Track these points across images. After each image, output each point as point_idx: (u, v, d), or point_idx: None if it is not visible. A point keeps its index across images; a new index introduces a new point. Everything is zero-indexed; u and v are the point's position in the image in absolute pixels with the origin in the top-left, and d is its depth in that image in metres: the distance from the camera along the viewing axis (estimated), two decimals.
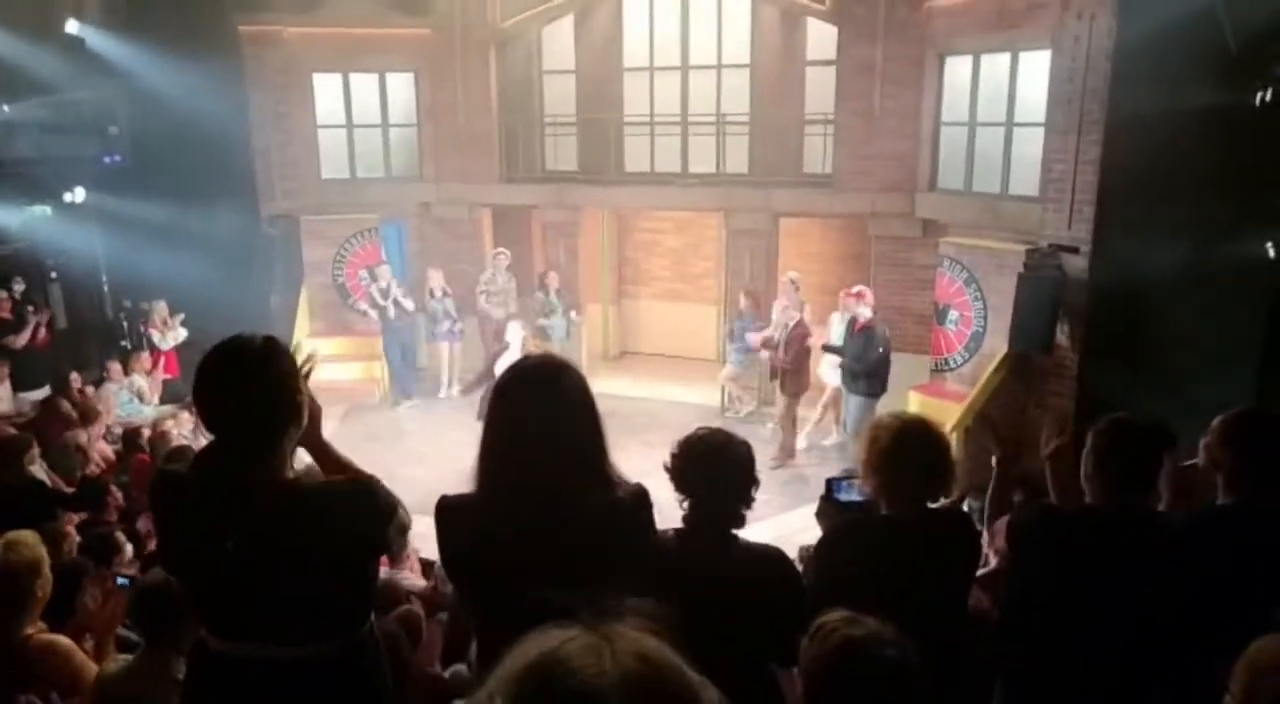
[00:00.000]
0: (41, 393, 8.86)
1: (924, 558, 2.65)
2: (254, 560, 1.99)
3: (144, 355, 9.84)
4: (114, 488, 6.07)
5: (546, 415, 2.13)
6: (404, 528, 2.25)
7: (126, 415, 8.95)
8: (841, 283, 10.54)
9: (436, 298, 11.00)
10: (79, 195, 10.47)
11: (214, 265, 10.18)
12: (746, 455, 2.53)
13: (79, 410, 7.84)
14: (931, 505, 2.78)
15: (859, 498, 2.98)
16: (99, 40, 10.61)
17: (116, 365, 9.37)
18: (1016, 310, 8.00)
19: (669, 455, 2.56)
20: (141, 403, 9.26)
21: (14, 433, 6.56)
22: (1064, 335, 7.95)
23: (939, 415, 7.80)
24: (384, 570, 4.75)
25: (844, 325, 8.93)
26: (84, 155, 10.81)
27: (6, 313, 9.44)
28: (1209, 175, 6.33)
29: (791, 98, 10.71)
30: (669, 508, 2.52)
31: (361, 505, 2.08)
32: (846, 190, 10.05)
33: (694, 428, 2.63)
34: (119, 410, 8.96)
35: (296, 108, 11.51)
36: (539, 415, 2.13)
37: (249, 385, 2.01)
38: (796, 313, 9.06)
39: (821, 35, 10.28)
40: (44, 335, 9.74)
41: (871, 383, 8.38)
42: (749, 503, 2.51)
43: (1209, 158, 6.28)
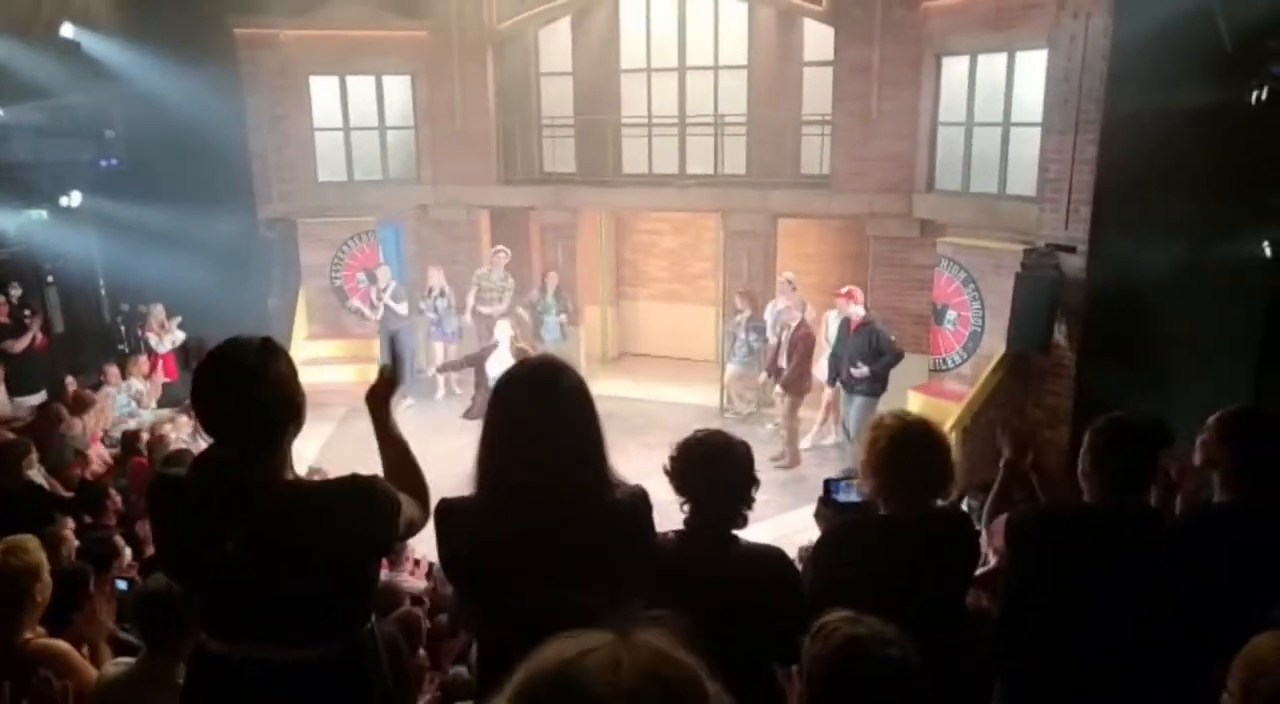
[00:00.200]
0: (38, 397, 8.84)
1: (923, 558, 2.65)
2: (254, 562, 1.99)
3: (141, 359, 9.82)
4: (112, 492, 6.06)
5: (546, 417, 2.13)
6: (414, 525, 2.24)
7: (124, 415, 8.93)
8: (840, 283, 10.53)
9: (434, 297, 10.97)
10: (75, 199, 10.44)
11: (211, 269, 10.16)
12: (746, 456, 2.53)
13: (71, 400, 7.86)
14: (930, 505, 2.78)
15: (857, 499, 2.98)
16: (95, 44, 10.58)
17: (114, 369, 9.35)
18: (1014, 310, 8.01)
19: (668, 457, 2.56)
20: (139, 407, 9.25)
21: (12, 437, 6.54)
22: (1061, 335, 7.97)
23: (937, 415, 7.83)
24: (384, 572, 4.75)
25: (837, 326, 8.88)
26: (80, 159, 10.76)
27: (3, 317, 9.41)
28: (1205, 174, 6.34)
29: (789, 99, 10.71)
30: (669, 509, 2.52)
31: (361, 506, 2.08)
32: (844, 191, 10.05)
33: (693, 429, 2.64)
34: (117, 413, 8.94)
35: (293, 110, 11.50)
36: (538, 417, 2.13)
37: (247, 387, 2.00)
38: (799, 313, 9.03)
39: (818, 36, 10.29)
40: (41, 339, 9.72)
41: (872, 383, 8.36)
42: (749, 504, 2.51)
43: (1205, 157, 6.29)
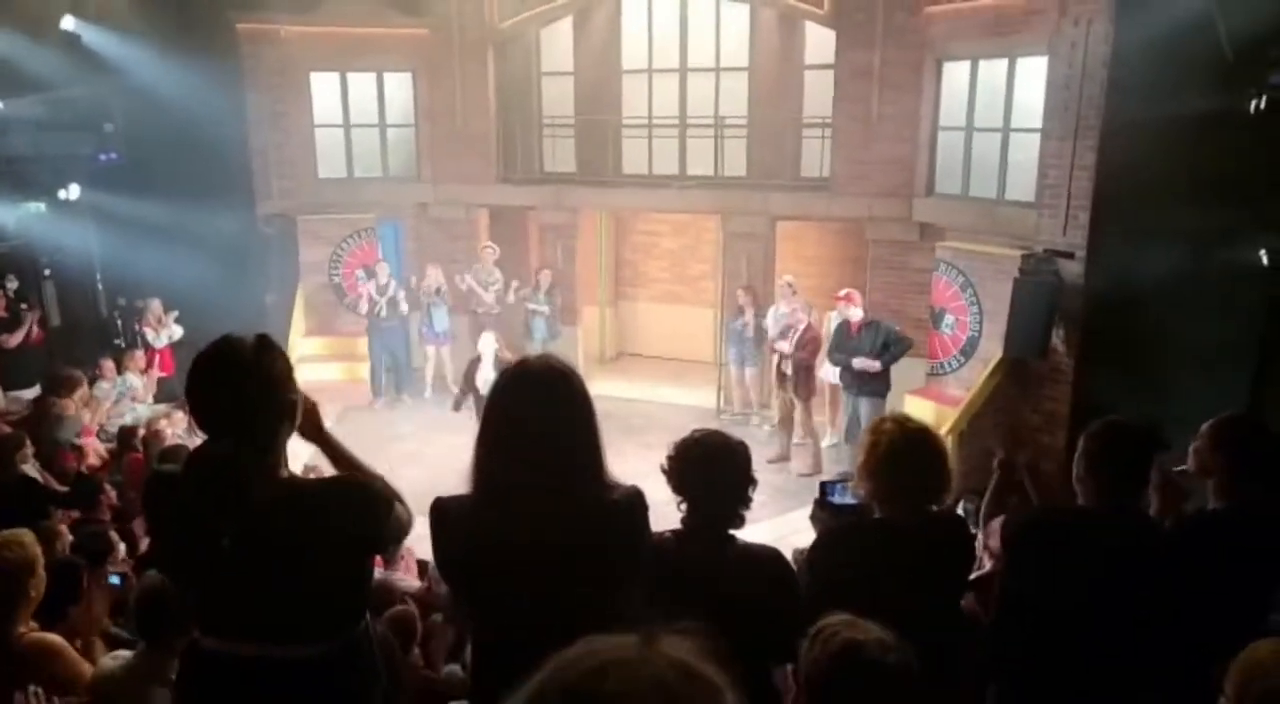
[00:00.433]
0: (33, 391, 8.82)
1: (918, 561, 2.65)
2: (249, 559, 1.98)
3: (138, 354, 9.79)
4: (107, 486, 6.05)
5: (543, 417, 2.12)
6: (403, 526, 2.24)
7: (117, 404, 8.91)
8: (839, 286, 10.54)
9: (430, 294, 10.95)
10: (74, 193, 10.42)
11: (209, 264, 10.15)
12: (744, 456, 2.53)
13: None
14: (926, 509, 2.78)
15: (853, 501, 2.98)
16: (95, 37, 10.58)
17: (110, 363, 9.31)
18: (1012, 315, 8.02)
19: (666, 457, 2.56)
20: (134, 402, 9.23)
21: (7, 431, 6.53)
22: (1059, 340, 7.97)
23: (934, 419, 7.85)
24: (378, 571, 4.74)
25: (837, 329, 8.75)
26: (79, 152, 10.75)
27: (0, 311, 9.40)
28: (1204, 182, 6.35)
29: (789, 101, 10.72)
30: (666, 509, 2.52)
31: (356, 503, 2.07)
32: (844, 194, 10.06)
33: (691, 429, 2.64)
34: (106, 402, 8.92)
35: (293, 107, 11.49)
36: (535, 417, 2.13)
37: (242, 384, 1.99)
38: (804, 317, 8.96)
39: (820, 39, 10.29)
40: (37, 333, 9.70)
41: (877, 383, 8.31)
42: (747, 504, 2.51)
43: (1204, 164, 6.30)
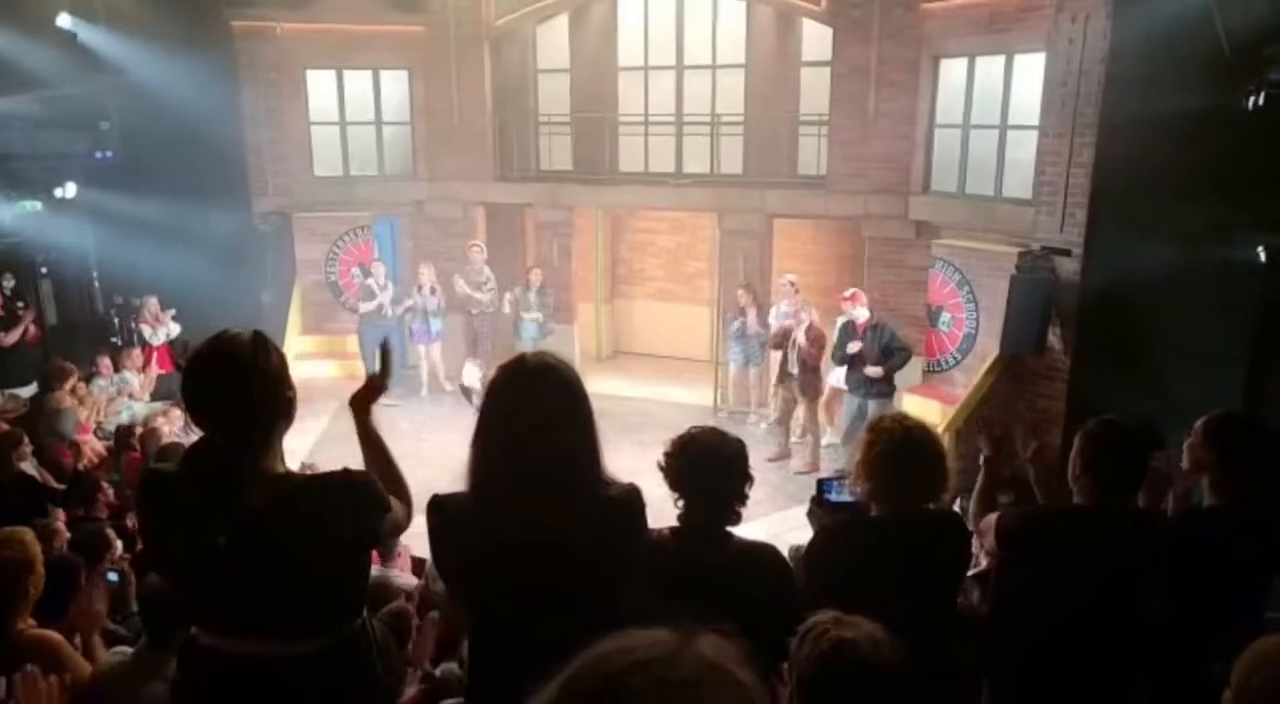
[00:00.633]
0: (31, 389, 8.81)
1: (915, 558, 2.66)
2: (245, 556, 1.98)
3: (135, 352, 9.79)
4: (105, 484, 6.05)
5: (540, 414, 2.12)
6: (399, 525, 2.24)
7: (112, 400, 8.91)
8: (836, 283, 10.55)
9: (424, 293, 10.94)
10: (70, 191, 10.40)
11: (206, 262, 10.14)
12: (740, 453, 2.53)
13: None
14: (923, 507, 2.79)
15: (850, 499, 2.98)
16: (91, 35, 10.55)
17: (106, 360, 9.31)
18: (1008, 312, 8.03)
19: (663, 453, 2.56)
20: (131, 399, 9.22)
21: (4, 428, 6.53)
22: (1055, 337, 7.99)
23: (931, 416, 7.87)
24: (375, 568, 4.74)
25: (841, 329, 8.63)
26: (75, 150, 10.72)
27: None
28: (1201, 179, 6.35)
29: (786, 99, 10.71)
30: (663, 506, 2.52)
31: (352, 500, 2.07)
32: (840, 192, 10.05)
33: (688, 427, 2.64)
34: (98, 395, 8.90)
35: (289, 104, 11.47)
36: (532, 414, 2.12)
37: (237, 381, 1.99)
38: (807, 316, 8.88)
39: (817, 36, 10.28)
40: (34, 331, 9.68)
41: (886, 384, 8.28)
42: (743, 501, 2.52)
43: (1201, 162, 6.31)
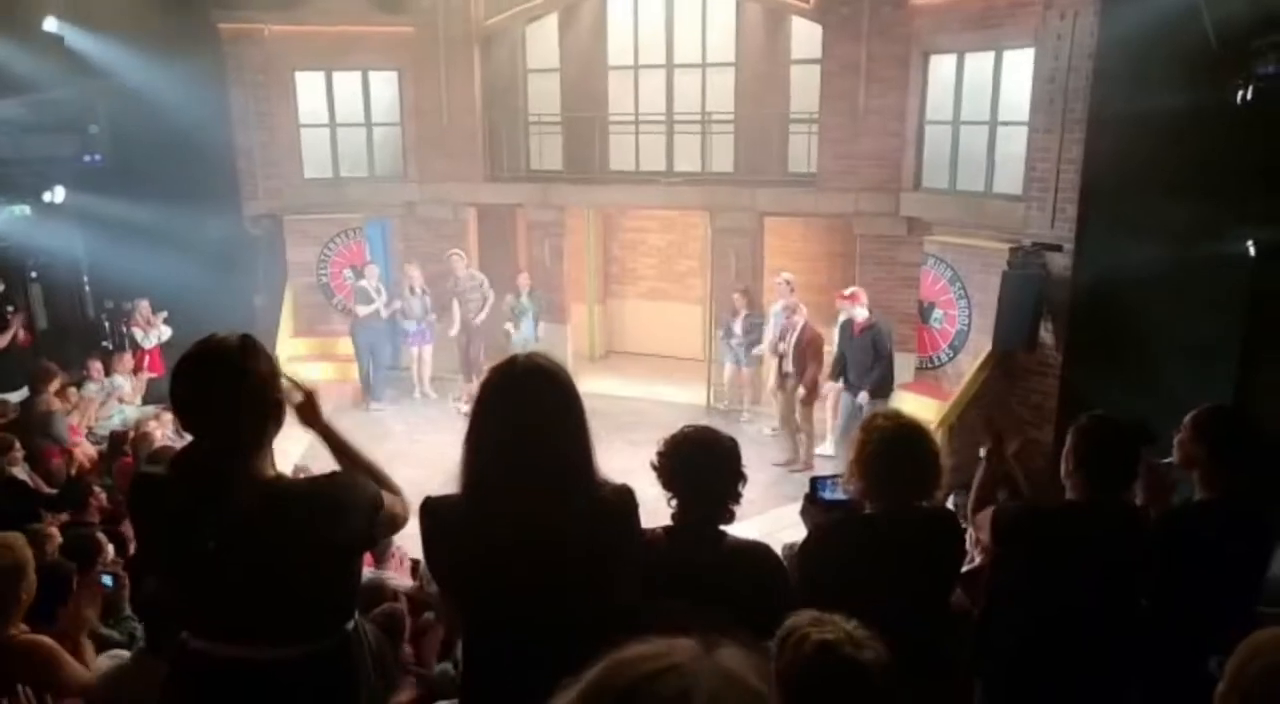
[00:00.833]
0: (21, 394, 8.76)
1: (908, 556, 2.66)
2: (236, 560, 1.97)
3: (126, 356, 9.75)
4: (97, 489, 6.02)
5: (531, 415, 2.12)
6: (395, 522, 2.24)
7: (101, 401, 8.87)
8: (828, 281, 10.57)
9: (416, 294, 10.91)
10: (59, 195, 10.34)
11: (197, 266, 10.08)
12: (733, 452, 2.53)
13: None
14: (917, 504, 2.79)
15: (843, 497, 2.98)
16: (78, 38, 10.48)
17: (97, 364, 9.26)
18: (1000, 308, 8.04)
19: (656, 453, 2.55)
20: (122, 403, 9.17)
21: None
22: (1047, 333, 8.01)
23: (925, 413, 7.87)
24: (370, 570, 4.73)
25: (841, 327, 8.62)
26: (64, 154, 10.66)
27: None
28: (1191, 174, 6.37)
29: (776, 97, 10.71)
30: (656, 506, 2.52)
31: (344, 502, 2.07)
32: (831, 189, 10.06)
33: (681, 426, 2.64)
34: (87, 396, 8.86)
35: (278, 106, 11.43)
36: (524, 415, 2.12)
37: (226, 384, 1.98)
38: (801, 317, 8.83)
39: (806, 34, 10.29)
40: (24, 336, 9.63)
41: (881, 384, 8.29)
42: (737, 499, 2.51)
43: (1191, 156, 6.32)
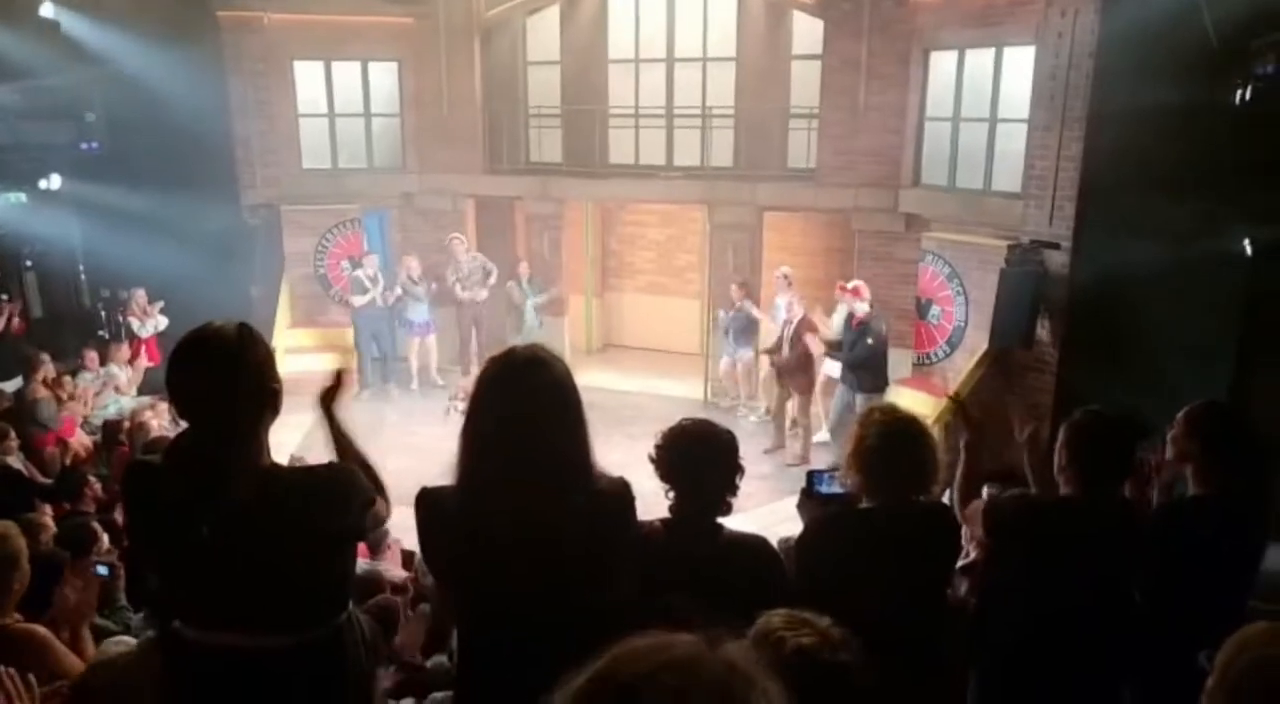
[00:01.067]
0: (15, 383, 8.74)
1: (904, 550, 2.66)
2: (230, 548, 1.97)
3: (122, 346, 9.72)
4: (92, 479, 6.01)
5: (529, 408, 2.11)
6: (380, 519, 2.23)
7: (99, 391, 8.85)
8: (826, 276, 10.55)
9: (414, 282, 10.89)
10: (55, 182, 10.31)
11: (194, 255, 10.05)
12: (731, 445, 2.53)
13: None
14: (913, 499, 2.79)
15: (840, 491, 2.98)
16: (75, 24, 10.42)
17: (93, 353, 9.24)
18: (998, 305, 8.05)
19: (654, 445, 2.55)
20: (117, 393, 9.15)
21: None
22: (1044, 330, 8.02)
23: (922, 409, 7.88)
24: (365, 561, 4.73)
25: (842, 320, 8.77)
26: (60, 142, 10.61)
27: None
28: (1189, 172, 6.38)
29: (777, 92, 10.70)
30: (654, 499, 2.51)
31: (338, 492, 2.06)
32: (830, 185, 10.06)
33: (678, 419, 2.63)
34: (83, 386, 8.83)
35: (277, 96, 11.38)
36: (521, 408, 2.11)
37: (222, 372, 1.98)
38: (800, 310, 8.93)
39: (807, 29, 10.28)
40: (18, 324, 9.60)
41: (875, 379, 8.31)
42: (734, 492, 2.51)
43: (1189, 154, 6.33)
